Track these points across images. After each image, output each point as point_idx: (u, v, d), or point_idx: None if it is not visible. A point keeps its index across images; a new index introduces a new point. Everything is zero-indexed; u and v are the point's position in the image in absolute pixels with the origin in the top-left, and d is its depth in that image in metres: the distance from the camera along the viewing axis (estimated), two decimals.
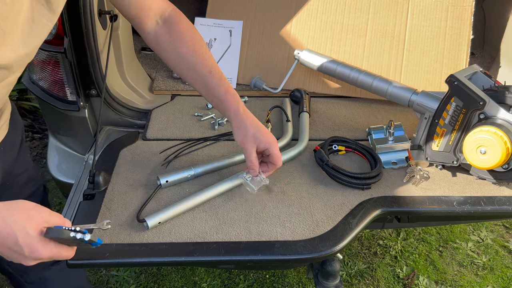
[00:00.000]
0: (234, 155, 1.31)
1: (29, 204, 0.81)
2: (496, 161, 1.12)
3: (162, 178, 1.20)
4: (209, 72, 1.09)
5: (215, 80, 1.09)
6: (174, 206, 1.12)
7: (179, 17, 1.11)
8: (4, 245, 0.78)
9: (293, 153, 1.34)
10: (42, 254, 0.80)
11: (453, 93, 1.19)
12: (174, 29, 1.09)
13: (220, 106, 1.11)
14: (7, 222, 0.77)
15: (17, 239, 0.77)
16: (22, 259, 0.81)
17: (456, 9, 1.66)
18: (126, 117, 1.57)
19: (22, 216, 0.79)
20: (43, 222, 0.80)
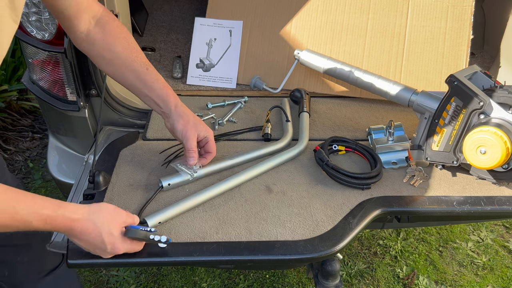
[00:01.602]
0: (235, 156, 1.31)
1: (111, 207, 0.96)
2: (496, 161, 1.12)
3: (164, 181, 1.19)
4: (146, 68, 1.13)
5: (152, 75, 1.14)
6: (174, 206, 1.12)
7: (110, 17, 1.13)
8: (92, 244, 0.93)
9: (293, 153, 1.34)
10: (120, 249, 0.95)
11: (453, 93, 1.19)
12: (107, 28, 1.10)
13: (158, 101, 1.15)
14: (96, 224, 0.91)
15: (103, 238, 0.92)
16: (103, 253, 0.95)
17: (456, 9, 1.66)
18: (126, 117, 1.57)
19: (107, 218, 0.93)
20: (122, 223, 0.96)
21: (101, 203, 0.97)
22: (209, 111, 1.60)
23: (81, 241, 0.93)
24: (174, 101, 1.16)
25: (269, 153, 1.35)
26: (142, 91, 1.15)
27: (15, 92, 2.73)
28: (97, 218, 0.92)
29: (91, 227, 0.91)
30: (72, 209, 0.90)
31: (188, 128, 1.15)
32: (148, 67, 1.14)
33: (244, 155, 1.31)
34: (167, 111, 1.16)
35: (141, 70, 1.12)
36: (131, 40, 1.14)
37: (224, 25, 1.79)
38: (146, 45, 2.05)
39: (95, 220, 0.92)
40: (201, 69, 1.78)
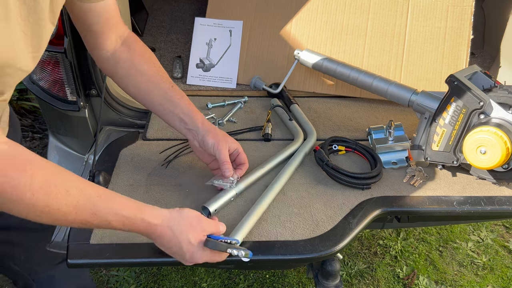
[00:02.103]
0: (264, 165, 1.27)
1: (191, 213, 0.94)
2: (496, 161, 1.12)
3: (210, 207, 1.11)
4: (171, 86, 1.14)
5: (178, 93, 1.15)
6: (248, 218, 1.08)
7: (135, 37, 1.15)
8: (170, 250, 0.92)
9: (307, 148, 1.35)
10: (200, 259, 0.93)
11: (453, 93, 1.19)
12: (133, 47, 1.12)
13: (184, 117, 1.14)
14: (174, 232, 0.90)
15: (182, 247, 0.91)
16: (183, 261, 0.94)
17: (456, 9, 1.66)
18: (126, 117, 1.57)
19: (186, 226, 0.91)
20: (202, 231, 0.93)
21: (183, 209, 0.94)
22: (209, 111, 1.60)
23: (161, 246, 0.93)
24: (200, 118, 1.15)
25: (291, 154, 1.34)
26: (168, 109, 1.14)
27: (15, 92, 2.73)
28: (176, 225, 0.91)
29: (170, 234, 0.90)
30: (152, 213, 0.89)
31: (219, 141, 1.13)
32: (173, 85, 1.15)
33: (271, 162, 1.29)
34: (194, 128, 1.14)
35: (167, 87, 1.13)
36: (155, 60, 1.16)
37: (224, 25, 1.79)
38: None
39: (174, 227, 0.90)
40: (201, 69, 1.78)
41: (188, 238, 0.91)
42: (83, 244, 1.03)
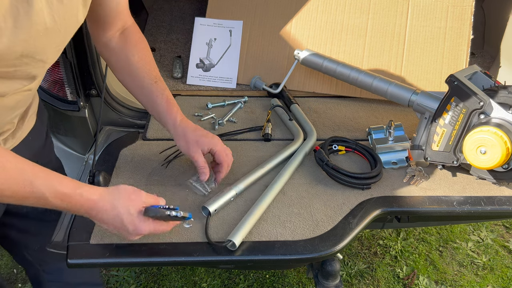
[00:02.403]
0: (264, 165, 1.28)
1: (128, 188, 0.95)
2: (496, 161, 1.12)
3: (210, 207, 1.11)
4: (154, 81, 1.16)
5: (159, 90, 1.16)
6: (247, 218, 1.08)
7: (135, 29, 1.18)
8: (112, 224, 0.92)
9: (307, 148, 1.35)
10: (143, 230, 0.93)
11: (453, 93, 1.19)
12: (130, 38, 1.15)
13: (161, 116, 1.16)
14: (114, 205, 0.90)
15: (122, 219, 0.91)
16: (127, 235, 0.94)
17: (456, 9, 1.66)
18: (126, 117, 1.57)
19: (125, 199, 0.92)
20: (141, 203, 0.94)
21: (120, 185, 0.95)
22: (209, 111, 1.60)
23: (101, 223, 0.92)
24: (172, 120, 1.15)
25: (291, 154, 1.34)
26: (147, 103, 1.17)
27: None
28: (114, 198, 0.91)
29: (109, 207, 0.90)
30: (91, 190, 0.90)
31: (190, 148, 1.14)
32: (157, 80, 1.15)
33: (271, 162, 1.29)
34: (169, 129, 1.17)
35: (150, 82, 1.15)
36: (147, 53, 1.17)
37: (224, 25, 1.79)
38: None
39: (112, 200, 0.91)
40: (201, 69, 1.78)
41: (128, 209, 0.91)
42: (83, 244, 1.03)
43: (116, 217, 0.91)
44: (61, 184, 0.85)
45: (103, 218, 0.91)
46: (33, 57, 0.83)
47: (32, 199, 0.83)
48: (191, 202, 1.16)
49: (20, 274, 2.12)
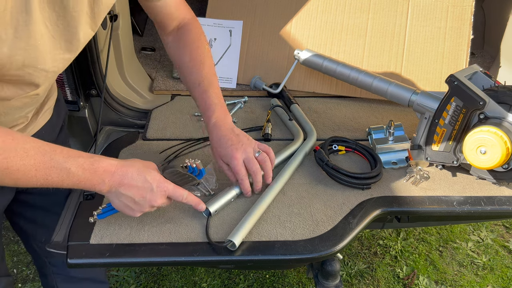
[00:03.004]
0: None
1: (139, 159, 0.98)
2: (496, 161, 1.12)
3: (211, 208, 1.10)
4: (198, 84, 1.16)
5: (201, 90, 1.16)
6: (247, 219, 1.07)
7: (192, 27, 1.21)
8: (137, 185, 0.92)
9: (307, 148, 1.35)
10: (166, 186, 0.96)
11: (453, 93, 1.19)
12: (184, 37, 1.20)
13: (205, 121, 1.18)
14: (134, 166, 0.93)
15: (145, 175, 0.93)
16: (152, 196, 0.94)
17: (456, 9, 1.66)
18: (126, 117, 1.57)
19: (142, 164, 0.96)
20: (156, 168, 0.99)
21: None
22: None
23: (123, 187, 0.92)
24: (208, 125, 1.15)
25: (291, 154, 1.34)
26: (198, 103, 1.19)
27: None
28: (133, 162, 0.94)
29: (130, 168, 0.92)
30: (108, 157, 0.92)
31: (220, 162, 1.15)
32: (202, 82, 1.16)
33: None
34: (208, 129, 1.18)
35: (194, 84, 1.17)
36: (200, 52, 1.19)
37: (224, 25, 1.79)
38: (146, 45, 2.05)
39: (132, 163, 0.94)
40: None
41: (147, 168, 0.95)
42: (83, 244, 1.03)
43: (139, 175, 0.92)
44: (80, 155, 0.88)
45: (126, 181, 0.91)
46: (35, 66, 0.85)
47: (55, 176, 0.84)
48: None
49: (20, 274, 2.13)
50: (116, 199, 0.95)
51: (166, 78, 1.80)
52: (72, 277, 1.44)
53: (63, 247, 1.05)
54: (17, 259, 2.21)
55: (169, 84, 1.77)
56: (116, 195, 0.94)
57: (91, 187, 0.90)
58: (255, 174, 1.12)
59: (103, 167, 0.89)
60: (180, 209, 1.14)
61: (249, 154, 1.11)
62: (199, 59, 1.18)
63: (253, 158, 1.11)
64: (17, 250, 2.25)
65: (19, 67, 0.82)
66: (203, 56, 1.19)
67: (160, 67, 1.89)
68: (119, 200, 0.95)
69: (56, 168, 0.84)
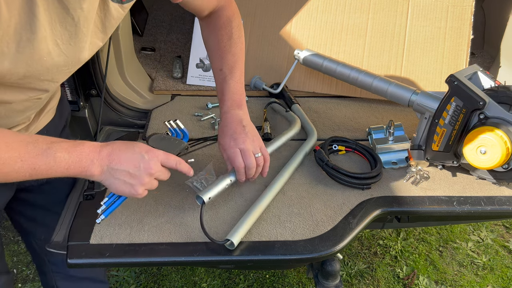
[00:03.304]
0: None
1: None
2: (496, 161, 1.12)
3: (204, 196, 1.09)
4: (219, 70, 1.18)
5: (221, 77, 1.17)
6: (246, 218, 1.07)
7: (223, 12, 1.21)
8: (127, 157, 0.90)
9: (308, 147, 1.35)
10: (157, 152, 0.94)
11: (453, 93, 1.19)
12: (212, 23, 1.21)
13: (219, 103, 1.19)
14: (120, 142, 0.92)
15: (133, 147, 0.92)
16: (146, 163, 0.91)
17: (456, 9, 1.66)
18: (126, 117, 1.57)
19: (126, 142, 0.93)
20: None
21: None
22: (209, 111, 1.60)
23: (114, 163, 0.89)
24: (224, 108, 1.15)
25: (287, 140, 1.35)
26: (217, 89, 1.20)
27: None
28: (114, 141, 0.93)
29: (116, 144, 0.90)
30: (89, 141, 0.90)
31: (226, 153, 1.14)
32: (223, 67, 1.17)
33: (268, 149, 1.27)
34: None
35: (216, 69, 1.19)
36: (224, 39, 1.18)
37: None
38: (146, 45, 2.05)
39: (114, 141, 0.92)
40: (201, 69, 1.78)
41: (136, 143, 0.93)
42: (83, 244, 1.03)
43: (127, 148, 0.90)
44: (63, 141, 0.86)
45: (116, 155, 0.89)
46: (38, 77, 0.85)
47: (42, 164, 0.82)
48: (192, 202, 1.16)
49: (20, 274, 2.13)
50: (111, 178, 0.90)
51: (166, 78, 1.80)
52: (72, 276, 1.44)
53: (63, 247, 1.05)
54: (17, 259, 2.21)
55: (169, 84, 1.77)
56: (110, 173, 0.90)
57: (81, 170, 0.86)
58: (248, 168, 1.11)
59: (88, 147, 0.87)
60: (180, 209, 1.14)
61: (246, 146, 1.10)
62: (223, 45, 1.18)
63: (250, 151, 1.10)
64: (17, 250, 2.25)
65: (20, 77, 0.82)
66: (228, 42, 1.18)
67: (160, 67, 1.89)
68: (114, 179, 0.90)
69: (42, 156, 0.82)
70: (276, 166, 1.29)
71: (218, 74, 1.18)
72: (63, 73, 0.92)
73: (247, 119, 1.14)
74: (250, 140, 1.11)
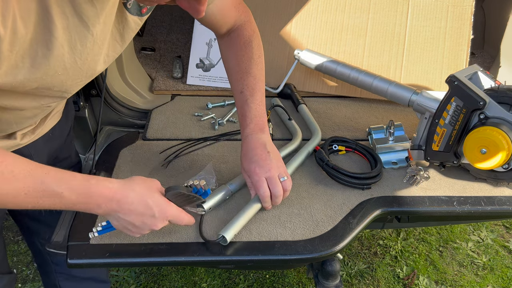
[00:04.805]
0: None
1: (141, 178, 0.93)
2: (496, 161, 1.12)
3: (205, 204, 1.10)
4: (240, 92, 1.14)
5: (242, 99, 1.14)
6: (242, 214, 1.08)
7: (242, 32, 1.17)
8: (135, 211, 0.88)
9: (311, 148, 1.35)
10: (169, 211, 0.92)
11: (453, 93, 1.19)
12: (232, 43, 1.17)
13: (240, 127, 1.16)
14: (135, 190, 0.88)
15: (147, 201, 0.89)
16: (153, 221, 0.91)
17: (456, 9, 1.66)
18: (126, 117, 1.57)
19: (144, 186, 0.90)
20: (159, 188, 0.94)
21: (131, 177, 0.93)
22: (209, 111, 1.60)
23: (122, 213, 0.88)
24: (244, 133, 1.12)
25: (288, 154, 1.34)
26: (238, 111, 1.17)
27: None
28: (133, 184, 0.89)
29: (131, 193, 0.87)
30: (106, 179, 0.87)
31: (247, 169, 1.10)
32: (244, 90, 1.13)
33: None
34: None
35: (236, 90, 1.15)
36: (245, 59, 1.15)
37: None
38: (146, 45, 2.05)
39: (132, 186, 0.88)
40: (201, 69, 1.78)
41: (150, 192, 0.90)
42: (83, 244, 1.03)
43: (140, 201, 0.88)
44: (74, 178, 0.83)
45: (126, 206, 0.87)
46: (51, 89, 0.84)
47: (47, 200, 0.80)
48: None
49: (20, 274, 2.13)
50: (115, 221, 0.91)
51: (166, 78, 1.80)
52: (74, 276, 1.44)
53: (63, 247, 1.05)
54: (17, 259, 2.21)
55: (169, 84, 1.77)
56: (115, 218, 0.90)
57: (86, 210, 0.86)
58: (275, 196, 1.09)
59: (100, 191, 0.85)
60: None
61: (272, 173, 1.07)
62: (244, 67, 1.14)
63: (277, 178, 1.07)
64: (17, 250, 2.25)
65: (33, 88, 0.81)
66: (249, 63, 1.15)
67: (160, 67, 1.89)
68: (118, 222, 0.91)
69: (47, 192, 0.80)
70: None
71: (239, 96, 1.14)
72: (77, 85, 0.91)
73: (270, 144, 1.12)
74: (275, 166, 1.09)
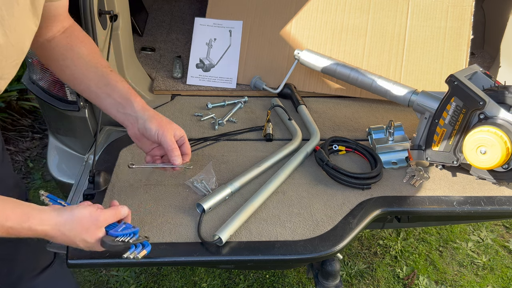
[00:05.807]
0: (260, 164, 1.28)
1: (84, 211, 0.90)
2: (496, 161, 1.12)
3: (205, 204, 1.12)
4: (109, 70, 1.09)
5: (116, 76, 1.09)
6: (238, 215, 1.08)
7: (78, 28, 1.12)
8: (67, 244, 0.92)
9: (310, 148, 1.35)
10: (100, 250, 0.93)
11: (453, 93, 1.19)
12: (75, 34, 1.09)
13: (121, 100, 1.07)
14: (67, 235, 0.88)
15: (78, 245, 0.91)
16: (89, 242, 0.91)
17: (456, 9, 1.66)
18: None
19: (79, 229, 0.89)
20: (98, 229, 0.91)
21: (75, 208, 0.91)
22: (209, 111, 1.60)
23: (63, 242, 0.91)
24: (140, 103, 1.08)
25: (287, 154, 1.34)
26: (105, 92, 1.08)
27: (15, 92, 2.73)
28: (68, 229, 0.88)
29: (62, 237, 0.88)
30: (41, 220, 0.86)
31: (164, 128, 1.06)
32: (112, 70, 1.10)
33: (268, 161, 1.29)
34: (133, 113, 1.06)
35: (105, 71, 1.09)
36: (95, 47, 1.12)
37: (224, 25, 1.79)
38: (146, 45, 2.05)
39: (66, 231, 0.88)
40: (201, 69, 1.78)
41: (83, 239, 0.90)
42: None
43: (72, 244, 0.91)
44: (7, 219, 0.82)
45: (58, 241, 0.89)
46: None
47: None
48: (192, 202, 1.16)
49: None
50: None
51: (166, 78, 1.80)
52: None
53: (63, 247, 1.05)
54: None
55: (169, 84, 1.77)
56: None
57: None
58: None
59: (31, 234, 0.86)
60: (180, 209, 1.14)
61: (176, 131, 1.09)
62: (98, 52, 1.12)
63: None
64: None
65: None
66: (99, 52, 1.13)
67: (160, 67, 1.89)
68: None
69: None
70: (276, 166, 1.29)
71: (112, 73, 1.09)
72: (11, 66, 0.86)
73: None
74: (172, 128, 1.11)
